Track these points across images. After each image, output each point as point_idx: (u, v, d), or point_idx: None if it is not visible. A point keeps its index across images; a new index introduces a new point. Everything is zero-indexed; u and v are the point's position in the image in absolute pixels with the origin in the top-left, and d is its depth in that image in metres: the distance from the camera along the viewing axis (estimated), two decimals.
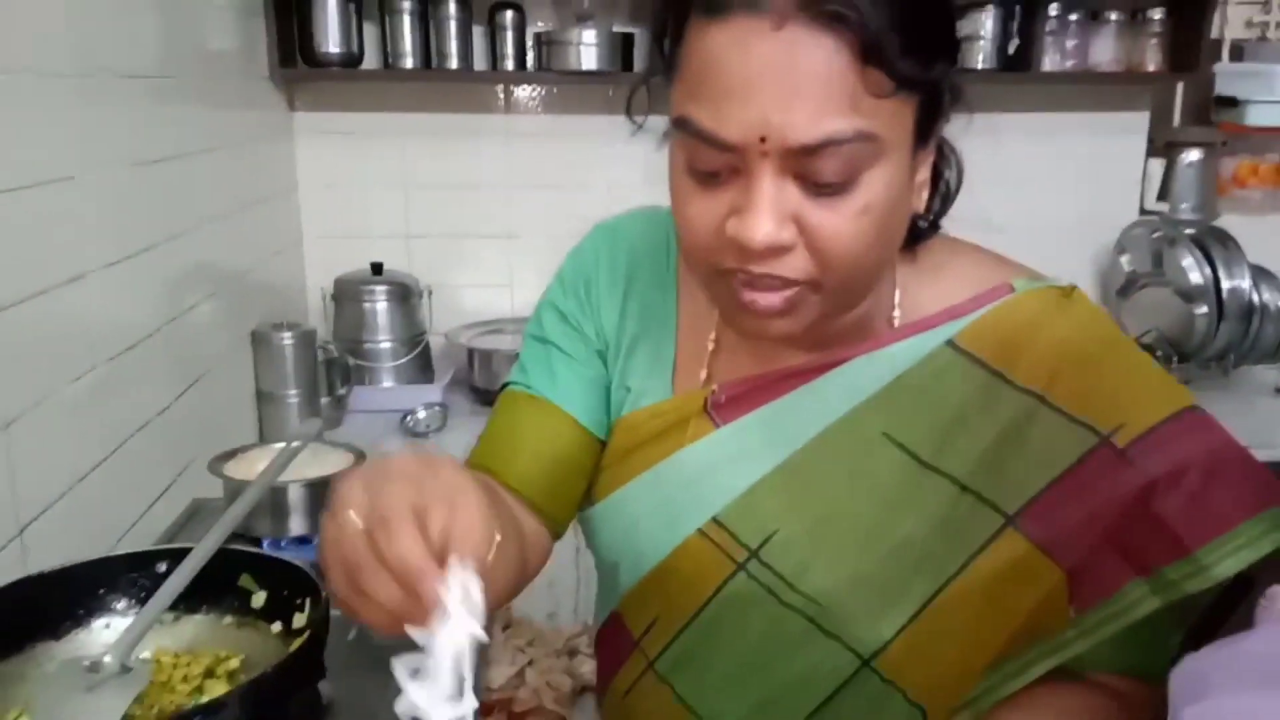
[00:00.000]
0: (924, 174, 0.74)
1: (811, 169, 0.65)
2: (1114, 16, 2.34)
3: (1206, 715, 0.55)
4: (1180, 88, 2.52)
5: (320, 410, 2.00)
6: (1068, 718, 0.76)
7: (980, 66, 2.30)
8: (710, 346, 0.85)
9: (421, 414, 2.11)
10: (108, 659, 0.81)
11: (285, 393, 1.93)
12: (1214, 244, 2.25)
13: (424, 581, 0.54)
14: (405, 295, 2.28)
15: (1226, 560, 0.71)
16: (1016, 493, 0.75)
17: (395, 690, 0.54)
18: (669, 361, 0.87)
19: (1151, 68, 2.35)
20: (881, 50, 0.63)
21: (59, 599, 0.90)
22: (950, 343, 0.78)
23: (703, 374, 0.85)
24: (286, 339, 1.92)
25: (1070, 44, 2.34)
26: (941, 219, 0.82)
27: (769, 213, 0.66)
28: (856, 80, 0.63)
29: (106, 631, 0.90)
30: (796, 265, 0.68)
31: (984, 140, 2.83)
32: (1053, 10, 2.29)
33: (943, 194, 0.80)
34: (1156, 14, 2.33)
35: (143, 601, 0.91)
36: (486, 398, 2.21)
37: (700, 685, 0.85)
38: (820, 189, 0.66)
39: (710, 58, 0.65)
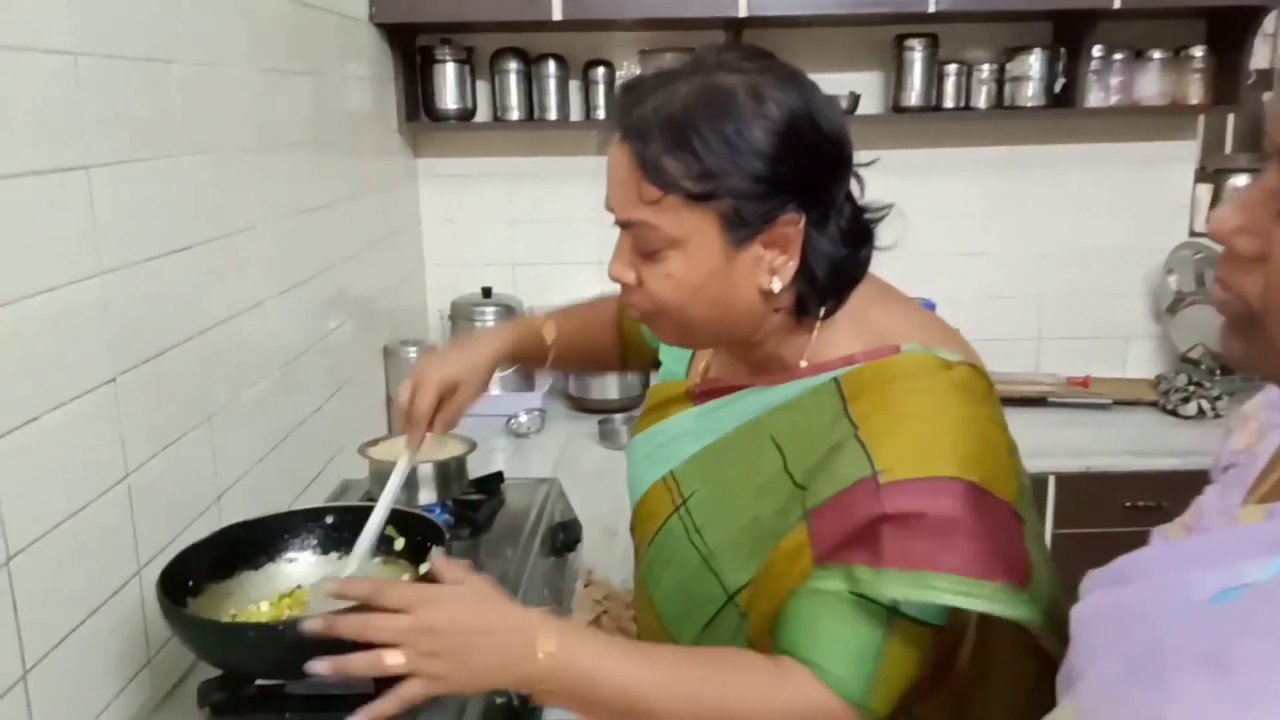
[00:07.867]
0: (774, 261, 0.91)
1: (633, 238, 0.93)
2: (1157, 55, 2.51)
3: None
4: (1231, 118, 2.67)
5: None
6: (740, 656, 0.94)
7: (1030, 105, 2.51)
8: (712, 350, 1.12)
9: (523, 418, 2.38)
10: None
11: None
12: None
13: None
14: (510, 314, 2.57)
15: (897, 586, 0.84)
16: (816, 497, 0.92)
17: None
18: (687, 353, 1.16)
19: (1195, 101, 2.51)
20: (649, 166, 0.87)
21: (256, 540, 1.22)
22: (835, 379, 0.97)
23: (703, 365, 1.12)
24: (411, 352, 2.25)
25: (1115, 80, 2.52)
26: (840, 295, 0.96)
27: (618, 259, 0.95)
28: (637, 185, 0.89)
29: (290, 565, 1.22)
30: (639, 299, 0.95)
31: (1043, 171, 3.21)
32: (1096, 51, 2.47)
33: (815, 277, 0.93)
34: (1198, 51, 2.49)
35: (316, 545, 1.23)
36: (580, 404, 2.46)
37: (659, 594, 1.09)
38: (642, 253, 0.93)
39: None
